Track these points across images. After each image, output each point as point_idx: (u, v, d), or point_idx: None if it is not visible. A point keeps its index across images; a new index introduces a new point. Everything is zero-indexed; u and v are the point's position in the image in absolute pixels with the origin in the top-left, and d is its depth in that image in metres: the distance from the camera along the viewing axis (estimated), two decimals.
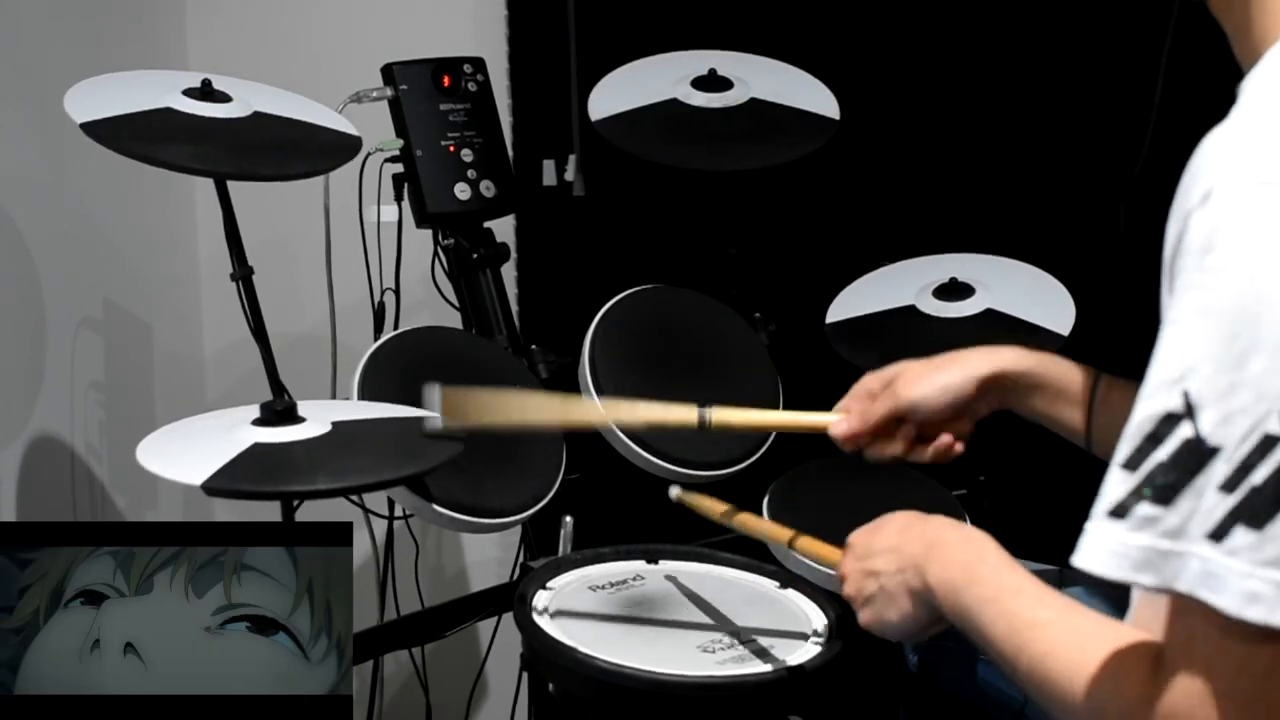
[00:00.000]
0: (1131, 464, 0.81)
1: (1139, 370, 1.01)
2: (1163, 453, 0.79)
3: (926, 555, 1.09)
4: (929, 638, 1.16)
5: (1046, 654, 0.92)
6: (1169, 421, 0.79)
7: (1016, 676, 0.95)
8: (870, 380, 1.35)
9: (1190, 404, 0.78)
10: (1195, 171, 0.82)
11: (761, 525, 1.44)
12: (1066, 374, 1.29)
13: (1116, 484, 0.81)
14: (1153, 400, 0.80)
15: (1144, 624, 0.90)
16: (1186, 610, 0.81)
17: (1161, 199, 0.85)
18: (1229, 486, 0.77)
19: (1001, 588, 1.00)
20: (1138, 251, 1.33)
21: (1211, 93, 0.93)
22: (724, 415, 1.39)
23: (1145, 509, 0.80)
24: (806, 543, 1.36)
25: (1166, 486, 0.79)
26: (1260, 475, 0.76)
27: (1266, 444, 0.76)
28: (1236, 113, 0.84)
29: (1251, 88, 0.87)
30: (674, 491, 1.52)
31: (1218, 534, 0.77)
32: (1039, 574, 1.32)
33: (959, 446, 1.33)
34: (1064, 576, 1.36)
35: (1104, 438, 1.25)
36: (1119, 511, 0.81)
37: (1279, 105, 0.83)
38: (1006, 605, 0.98)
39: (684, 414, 1.39)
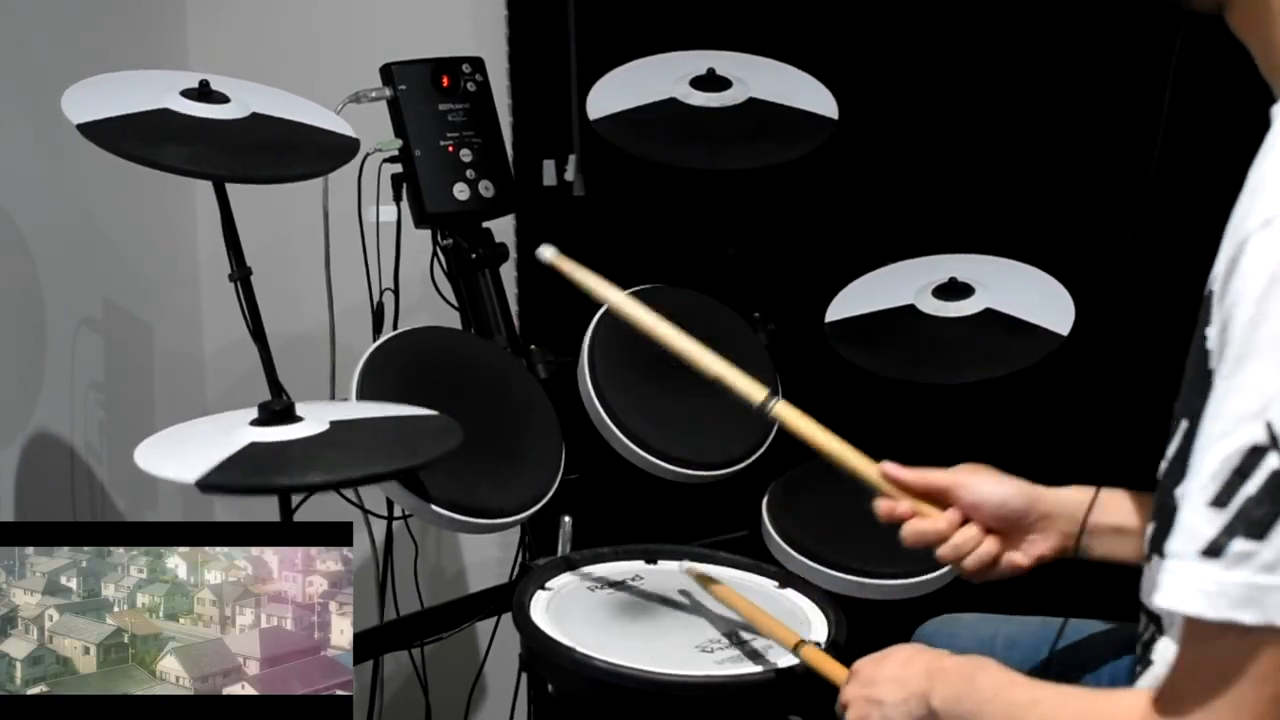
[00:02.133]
0: (1220, 501, 0.80)
1: (1138, 370, 1.01)
2: (1252, 486, 0.79)
3: (930, 681, 1.11)
4: None
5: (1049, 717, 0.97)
6: (1254, 454, 0.78)
7: None
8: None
9: (1275, 435, 0.78)
10: (1255, 193, 0.81)
11: (772, 626, 1.42)
12: (1142, 502, 1.23)
13: (1206, 523, 0.81)
14: (1234, 435, 0.79)
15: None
16: (1196, 638, 0.81)
17: (1168, 214, 0.85)
18: None
19: (999, 684, 1.04)
20: (1142, 259, 1.33)
21: (1220, 106, 0.93)
22: (787, 412, 1.35)
23: (1240, 544, 0.79)
24: (811, 653, 1.34)
25: (1260, 520, 0.78)
26: None
27: None
28: None
29: None
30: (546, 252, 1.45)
31: None
32: (1041, 625, 1.35)
33: (990, 545, 1.24)
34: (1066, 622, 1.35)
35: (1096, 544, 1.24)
36: (1213, 550, 0.80)
37: None
38: (1005, 696, 1.02)
39: (754, 389, 1.36)
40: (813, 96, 1.98)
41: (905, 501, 1.26)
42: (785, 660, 1.39)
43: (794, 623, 1.51)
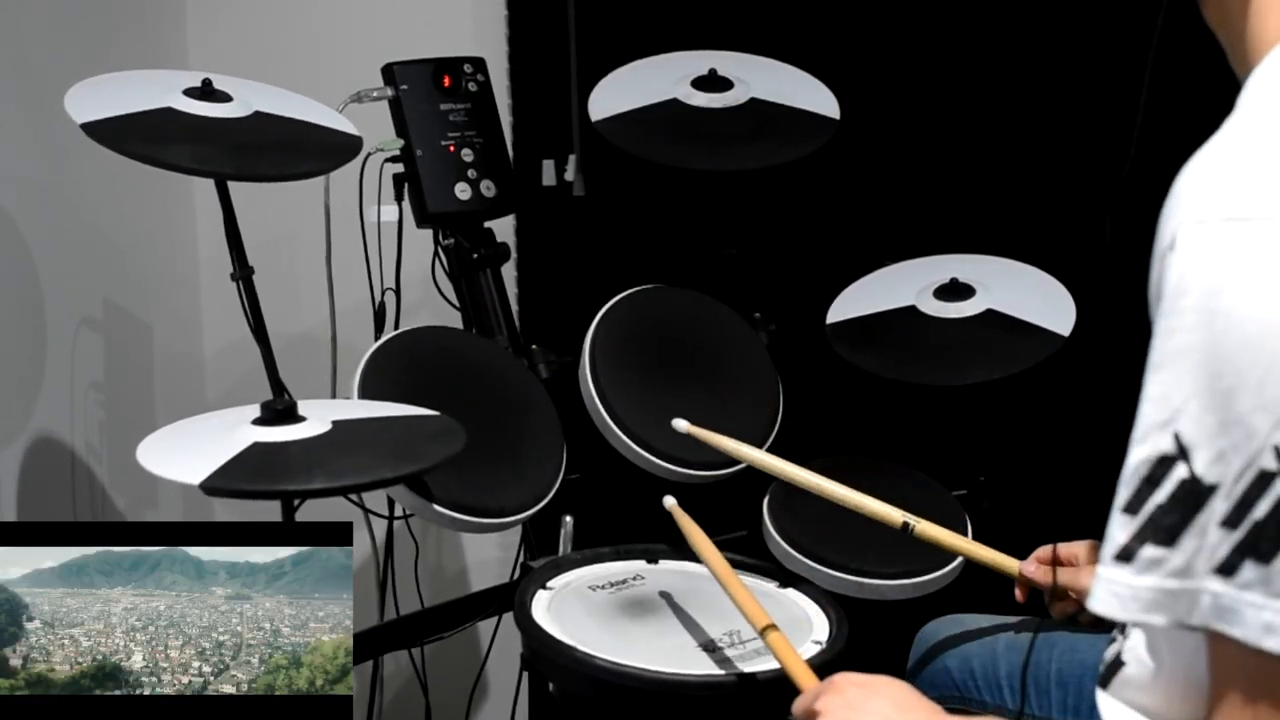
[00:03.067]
0: (1131, 508, 0.81)
1: (1138, 370, 1.01)
2: (1161, 494, 0.80)
3: None
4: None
5: None
6: (1163, 464, 0.80)
7: None
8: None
9: (1182, 445, 0.79)
10: (1168, 210, 0.82)
11: (744, 598, 1.39)
12: None
13: (1119, 529, 0.82)
14: (1145, 444, 0.81)
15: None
16: (1217, 654, 0.81)
17: (1147, 208, 0.85)
18: (1231, 523, 0.77)
19: None
20: (1126, 259, 1.33)
21: (1199, 100, 0.93)
22: (929, 529, 1.45)
23: (1150, 551, 0.80)
24: (778, 641, 1.31)
25: (1168, 527, 0.80)
26: (1261, 510, 0.77)
27: (1263, 480, 0.76)
28: (1210, 141, 0.84)
29: (1238, 107, 0.87)
30: (669, 501, 1.52)
31: (1226, 569, 0.78)
32: (1019, 624, 1.37)
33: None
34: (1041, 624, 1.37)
35: None
36: (1124, 555, 0.82)
37: (1251, 130, 0.83)
38: None
39: (890, 514, 1.48)
40: (814, 97, 1.98)
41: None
42: None
43: (795, 623, 1.51)
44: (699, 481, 1.80)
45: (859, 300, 1.92)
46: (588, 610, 1.51)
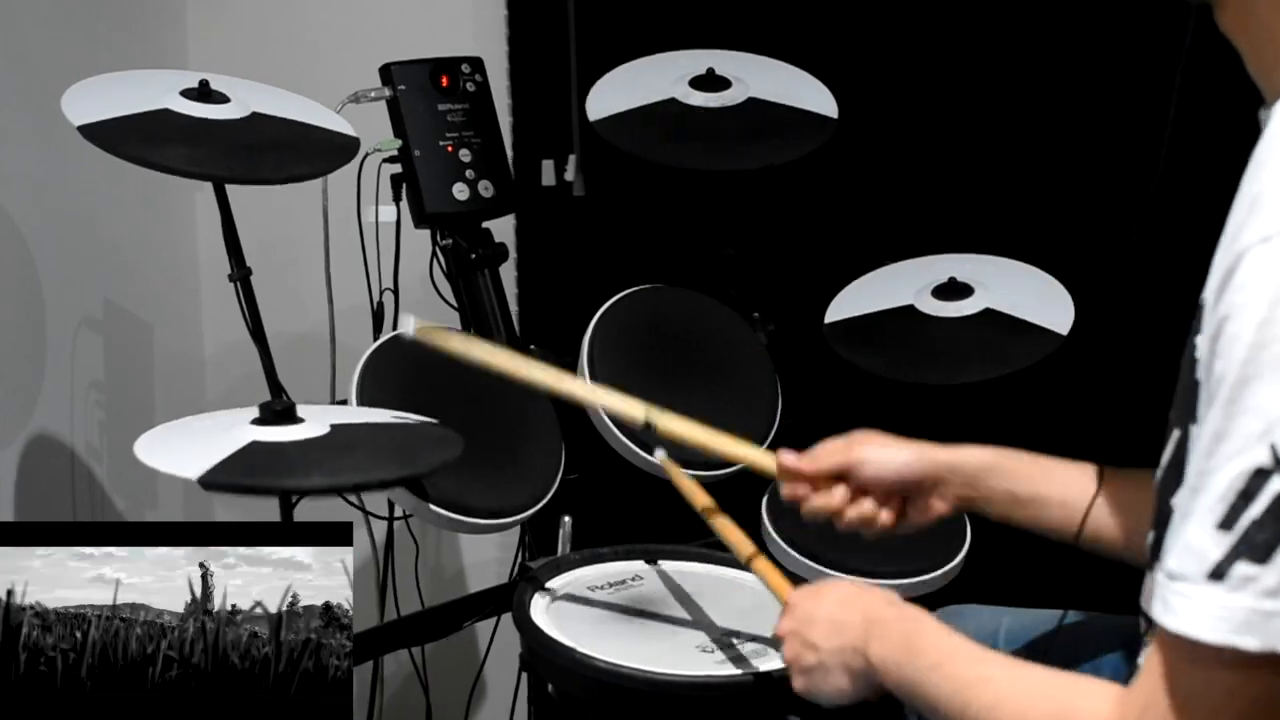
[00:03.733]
0: (1226, 523, 0.79)
1: (1138, 370, 1.01)
2: (1256, 509, 0.78)
3: (866, 633, 1.09)
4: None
5: (993, 705, 0.94)
6: (1259, 477, 0.78)
7: None
8: (833, 442, 1.35)
9: (1279, 458, 0.77)
10: (1251, 206, 0.80)
11: (732, 534, 1.41)
12: (1044, 471, 1.28)
13: (1212, 545, 0.80)
14: (1240, 457, 0.79)
15: None
16: (1167, 649, 0.81)
17: (1172, 216, 0.84)
18: None
19: (942, 652, 1.02)
20: (1144, 263, 1.34)
21: (1226, 109, 0.92)
22: (671, 423, 1.40)
23: (1243, 568, 0.79)
24: (763, 565, 1.34)
25: (1263, 543, 0.78)
26: None
27: None
28: None
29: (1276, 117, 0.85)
30: (659, 455, 1.51)
31: None
32: (1044, 618, 1.35)
33: (885, 516, 1.32)
34: (1065, 616, 1.36)
35: (1097, 532, 1.25)
36: (1217, 573, 0.80)
37: None
38: (949, 669, 0.99)
39: (633, 409, 1.41)
40: (813, 96, 1.98)
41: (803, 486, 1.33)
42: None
43: None
44: (699, 481, 1.80)
45: (857, 300, 1.92)
46: (587, 611, 1.51)
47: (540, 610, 1.49)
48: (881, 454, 1.31)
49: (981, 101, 2.12)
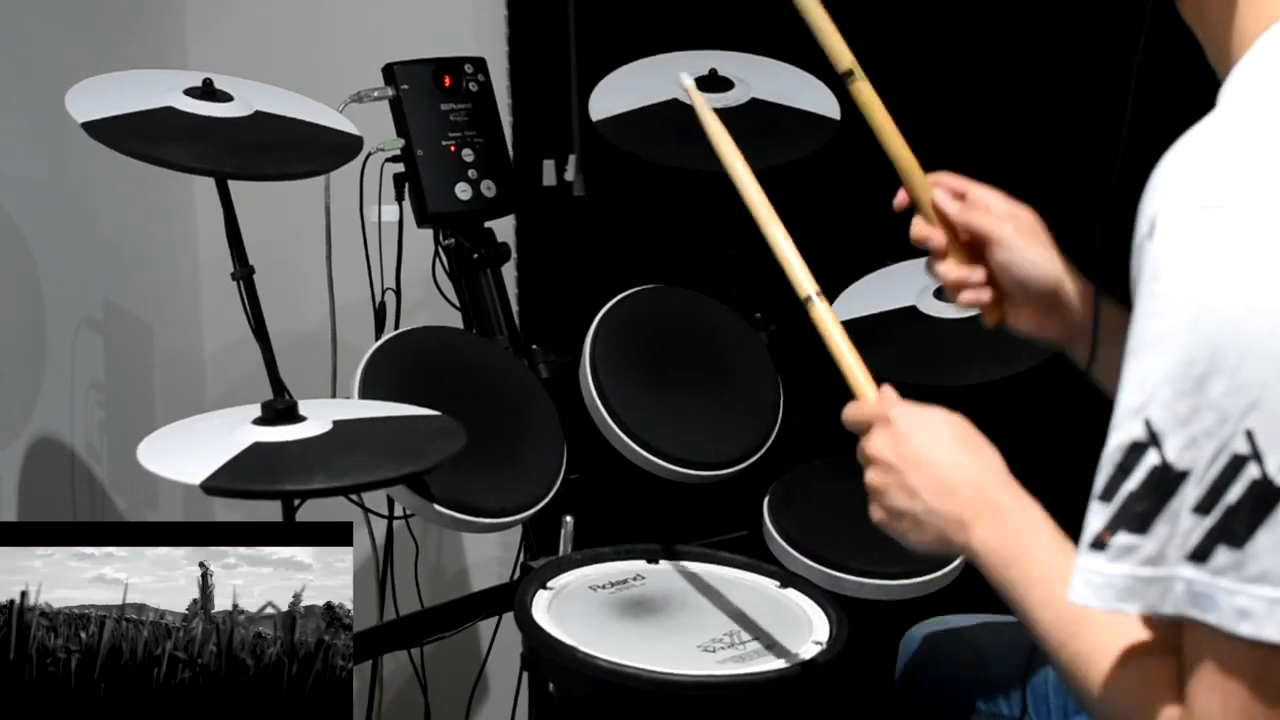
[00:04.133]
0: (1106, 495, 0.82)
1: None
2: (1133, 482, 0.80)
3: (977, 513, 1.03)
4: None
5: (1090, 654, 0.91)
6: (1135, 450, 0.80)
7: (1054, 662, 0.95)
8: (999, 201, 1.31)
9: (1153, 432, 0.79)
10: (1146, 198, 0.83)
11: (784, 252, 1.36)
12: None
13: (1094, 516, 0.83)
14: (1119, 431, 0.81)
15: None
16: (1192, 640, 0.82)
17: (1134, 212, 0.85)
18: (1203, 509, 0.78)
19: (1051, 570, 0.96)
20: (1116, 262, 1.34)
21: (1186, 104, 0.93)
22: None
23: (1122, 538, 0.81)
24: (819, 314, 1.29)
25: (1141, 514, 0.80)
26: (1234, 495, 0.77)
27: (1235, 464, 0.77)
28: (1190, 131, 0.84)
29: (1220, 100, 0.87)
30: (686, 80, 1.45)
31: (1199, 555, 0.78)
32: (1012, 627, 1.32)
33: (999, 314, 1.28)
34: None
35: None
36: (1098, 543, 0.82)
37: (1230, 121, 0.83)
38: (1055, 591, 0.92)
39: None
40: (814, 97, 1.98)
41: (940, 235, 1.29)
42: (786, 661, 1.39)
43: (795, 623, 1.51)
44: (699, 481, 1.80)
45: (859, 300, 1.92)
46: (588, 610, 1.51)
47: (541, 609, 1.49)
48: (1026, 253, 1.28)
49: (983, 102, 2.12)
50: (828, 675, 1.39)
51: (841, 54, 1.31)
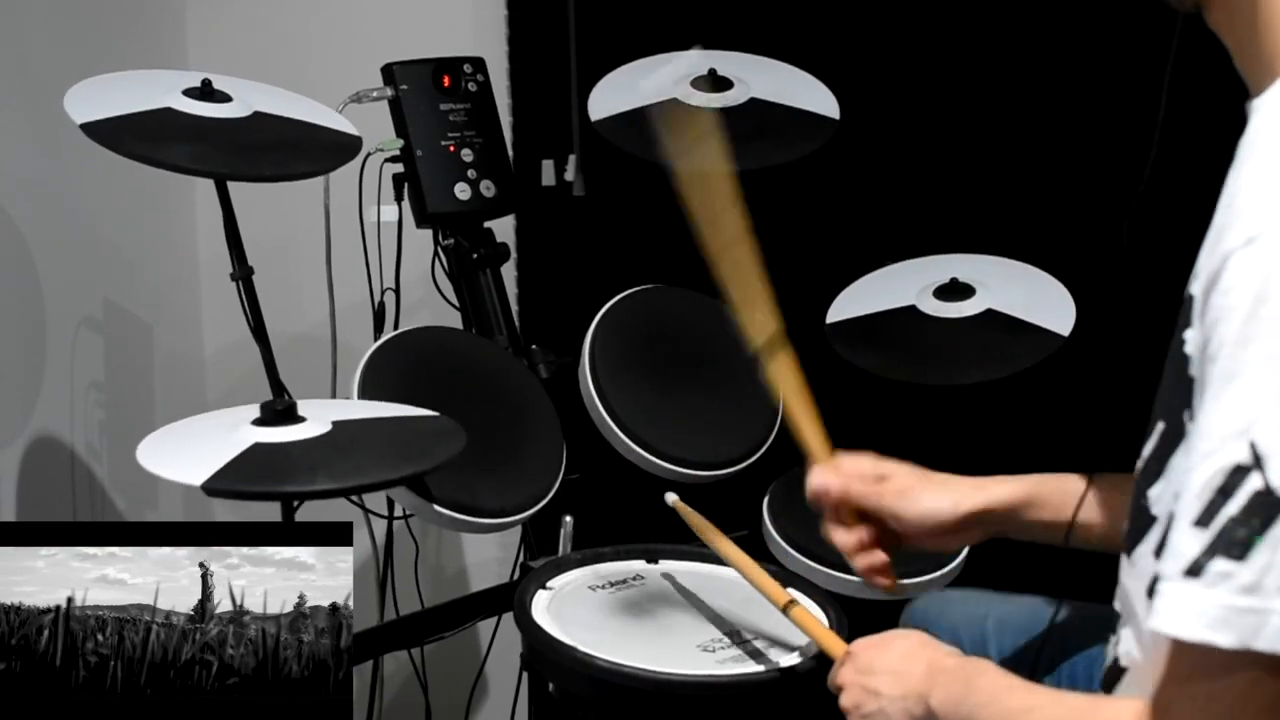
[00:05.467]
0: (1203, 520, 0.80)
1: (1138, 370, 1.00)
2: (1233, 506, 0.78)
3: (930, 682, 1.10)
4: None
5: None
6: (1237, 474, 0.78)
7: None
8: (867, 464, 1.33)
9: (1258, 454, 0.77)
10: (1235, 209, 0.81)
11: (760, 578, 1.43)
12: (1059, 489, 1.28)
13: (1190, 542, 0.80)
14: (1220, 454, 0.79)
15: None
16: (1181, 654, 0.81)
17: (1165, 214, 0.85)
18: None
19: (997, 689, 1.04)
20: (1140, 262, 1.34)
21: (1216, 106, 0.93)
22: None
23: (1220, 565, 0.79)
24: (801, 614, 1.37)
25: (1240, 540, 0.78)
26: None
27: None
28: (1274, 145, 0.82)
29: (1265, 109, 0.86)
30: (670, 498, 1.53)
31: None
32: (1033, 605, 1.34)
33: (883, 581, 1.32)
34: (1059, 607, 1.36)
35: (1087, 533, 1.25)
36: (1194, 570, 0.80)
37: None
38: (1002, 702, 1.02)
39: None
40: (814, 96, 1.98)
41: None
42: (786, 660, 1.39)
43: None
44: (699, 481, 1.80)
45: (859, 300, 1.92)
46: (587, 610, 1.51)
47: (541, 609, 1.49)
48: (912, 509, 1.29)
49: (982, 101, 2.12)
50: (827, 674, 1.39)
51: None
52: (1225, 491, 0.79)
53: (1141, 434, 1.09)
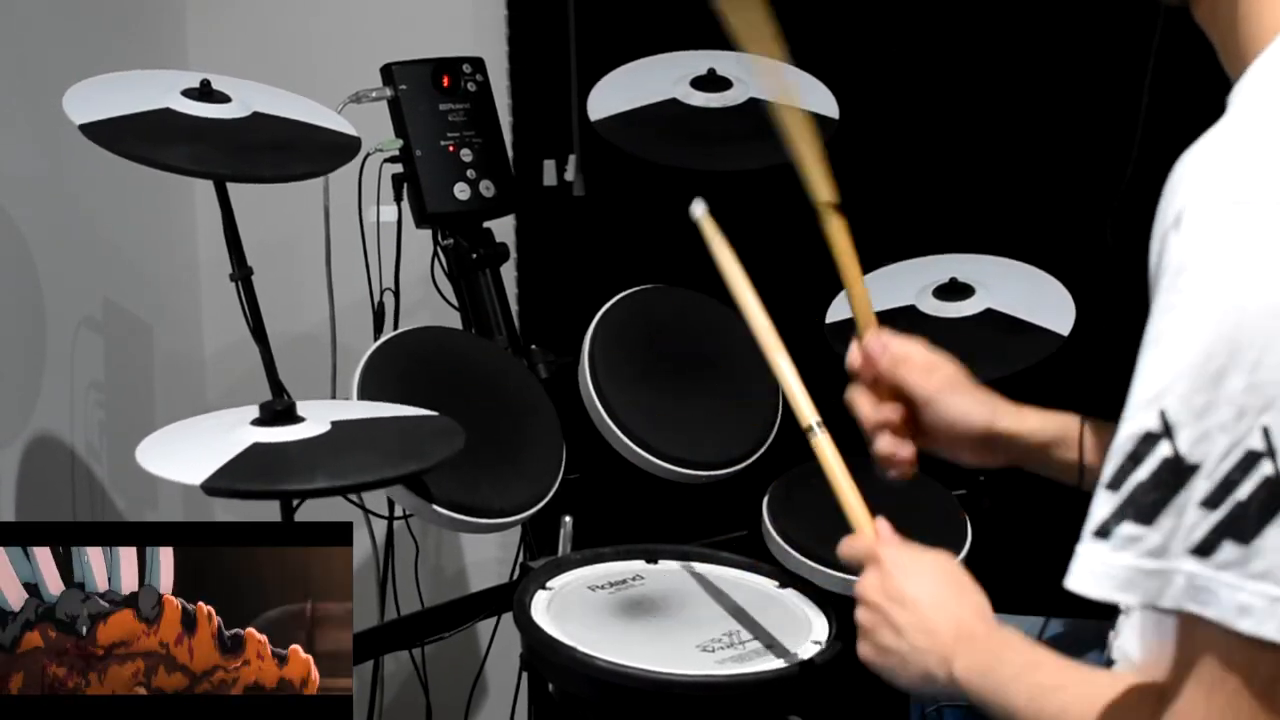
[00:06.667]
0: (1114, 484, 0.82)
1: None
2: (1143, 472, 0.80)
3: (955, 648, 1.07)
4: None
5: (1061, 710, 0.94)
6: (1148, 441, 0.80)
7: None
8: (918, 349, 1.32)
9: (1168, 423, 0.79)
10: (1171, 191, 0.83)
11: (789, 387, 1.38)
12: (1090, 432, 1.28)
13: (1101, 504, 0.83)
14: (1133, 420, 0.81)
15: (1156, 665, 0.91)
16: (1185, 635, 0.82)
17: (1149, 211, 0.85)
18: (1211, 503, 0.78)
19: (1023, 665, 1.01)
20: (1127, 261, 1.34)
21: (1200, 103, 0.93)
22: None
23: (1128, 528, 0.81)
24: (820, 447, 1.30)
25: (1148, 505, 0.80)
26: (1245, 491, 0.77)
27: (1249, 460, 0.77)
28: (1216, 128, 0.84)
29: (1236, 100, 0.88)
30: (698, 210, 1.50)
31: (1203, 549, 0.78)
32: (1028, 625, 1.34)
33: (911, 470, 1.31)
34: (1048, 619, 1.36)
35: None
36: (1103, 532, 0.82)
37: (1258, 119, 0.83)
38: (1027, 679, 0.99)
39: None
40: (813, 96, 1.98)
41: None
42: (786, 660, 1.39)
43: (794, 623, 1.51)
44: (699, 481, 1.80)
45: None
46: (587, 610, 1.51)
47: (541, 610, 1.49)
48: (955, 408, 1.29)
49: (981, 101, 2.12)
50: (826, 675, 1.39)
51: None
52: (1135, 458, 0.80)
53: None
